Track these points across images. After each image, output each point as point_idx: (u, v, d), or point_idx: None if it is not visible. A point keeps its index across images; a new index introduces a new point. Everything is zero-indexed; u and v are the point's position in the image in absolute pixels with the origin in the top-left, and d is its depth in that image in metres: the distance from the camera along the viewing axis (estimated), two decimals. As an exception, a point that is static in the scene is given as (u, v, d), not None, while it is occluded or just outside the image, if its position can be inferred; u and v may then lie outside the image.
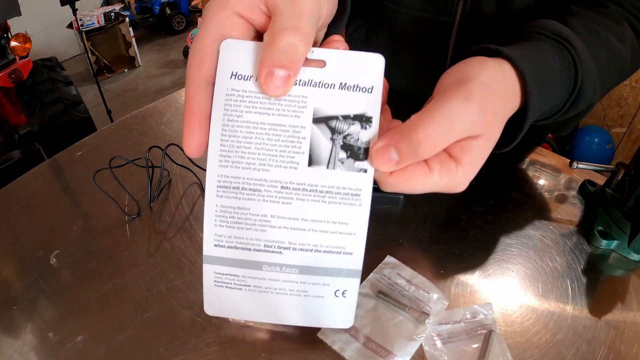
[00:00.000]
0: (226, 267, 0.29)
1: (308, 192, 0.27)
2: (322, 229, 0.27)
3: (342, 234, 0.28)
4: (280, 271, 0.28)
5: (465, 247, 0.47)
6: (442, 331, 0.39)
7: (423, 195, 0.54)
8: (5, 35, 2.14)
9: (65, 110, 2.11)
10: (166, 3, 4.16)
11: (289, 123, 0.26)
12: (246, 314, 0.31)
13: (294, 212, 0.27)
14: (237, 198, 0.27)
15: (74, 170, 0.59)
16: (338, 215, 0.27)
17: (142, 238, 0.48)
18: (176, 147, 0.57)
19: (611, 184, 0.49)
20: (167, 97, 0.75)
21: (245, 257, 0.28)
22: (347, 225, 0.27)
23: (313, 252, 0.28)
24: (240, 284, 0.29)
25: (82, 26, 3.10)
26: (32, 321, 0.40)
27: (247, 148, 0.26)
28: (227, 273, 0.29)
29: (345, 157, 0.26)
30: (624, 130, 2.02)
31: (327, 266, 0.28)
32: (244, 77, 0.26)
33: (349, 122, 0.26)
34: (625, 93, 1.95)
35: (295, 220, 0.27)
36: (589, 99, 0.37)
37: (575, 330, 0.39)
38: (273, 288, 0.29)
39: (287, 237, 0.27)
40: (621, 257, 0.46)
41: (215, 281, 0.29)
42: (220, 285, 0.29)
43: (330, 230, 0.27)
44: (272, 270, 0.28)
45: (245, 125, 0.26)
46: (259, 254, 0.28)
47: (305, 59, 0.25)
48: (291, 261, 0.28)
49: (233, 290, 0.29)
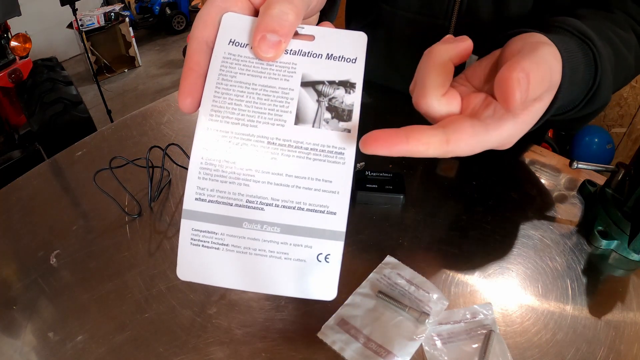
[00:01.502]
0: (205, 223, 0.28)
1: (294, 148, 0.27)
2: (305, 186, 0.27)
3: (325, 192, 0.28)
4: (261, 229, 0.28)
5: (465, 247, 0.47)
6: (442, 331, 0.39)
7: (423, 195, 0.54)
8: (5, 35, 2.14)
9: (65, 110, 2.10)
10: (166, 3, 4.16)
11: (278, 85, 0.28)
12: (220, 279, 0.29)
13: (279, 168, 0.27)
14: (224, 151, 0.28)
15: (74, 170, 0.59)
16: (322, 172, 0.28)
17: (142, 238, 0.48)
18: (176, 147, 0.57)
19: (611, 184, 0.49)
20: (167, 97, 0.75)
21: (226, 212, 0.28)
22: (331, 184, 0.28)
23: (296, 210, 0.28)
24: (218, 242, 0.28)
25: (82, 26, 3.10)
26: (32, 321, 0.40)
27: (238, 105, 0.28)
28: (205, 230, 0.28)
29: (330, 117, 0.28)
30: (624, 130, 2.02)
31: (310, 226, 0.28)
32: (240, 45, 0.28)
33: (335, 87, 0.28)
34: (625, 93, 1.95)
35: (279, 175, 0.27)
36: (603, 98, 0.38)
37: (575, 330, 0.39)
38: (252, 249, 0.28)
39: (271, 192, 0.27)
40: (621, 257, 0.46)
41: (192, 239, 0.28)
42: (197, 244, 0.28)
43: (314, 188, 0.28)
44: (253, 229, 0.28)
45: (237, 85, 0.28)
46: (240, 210, 0.28)
47: (296, 34, 0.28)
48: (273, 219, 0.28)
49: (210, 250, 0.28)
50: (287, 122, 0.28)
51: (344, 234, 0.29)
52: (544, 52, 0.28)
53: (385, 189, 0.51)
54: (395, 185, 0.52)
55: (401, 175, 0.53)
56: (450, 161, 0.60)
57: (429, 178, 0.57)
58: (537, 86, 0.26)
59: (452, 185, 0.56)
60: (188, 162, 0.29)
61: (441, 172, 0.58)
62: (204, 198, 0.28)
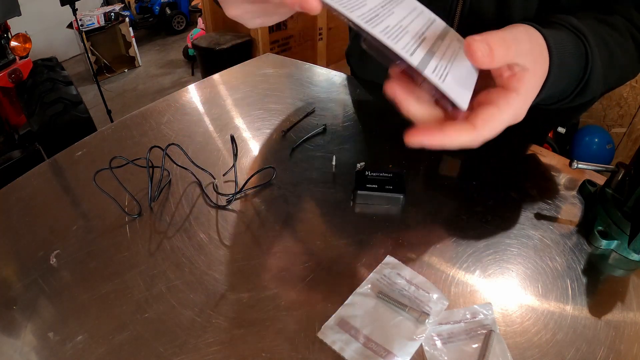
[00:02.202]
0: None
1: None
2: None
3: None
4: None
5: (466, 247, 0.47)
6: (442, 331, 0.39)
7: (423, 195, 0.54)
8: (5, 35, 2.14)
9: (65, 110, 2.10)
10: (166, 3, 4.16)
11: None
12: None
13: None
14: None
15: (74, 170, 0.59)
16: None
17: (142, 238, 0.48)
18: (176, 147, 0.57)
19: (611, 184, 0.49)
20: (167, 97, 0.75)
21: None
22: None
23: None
24: None
25: (82, 26, 3.10)
26: (32, 321, 0.40)
27: None
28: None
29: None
30: (624, 130, 2.02)
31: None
32: None
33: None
34: (625, 93, 1.95)
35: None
36: (592, 90, 0.41)
37: (575, 330, 0.39)
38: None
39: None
40: (621, 257, 0.46)
41: None
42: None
43: None
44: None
45: None
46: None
47: None
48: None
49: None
50: None
51: None
52: (511, 28, 0.34)
53: (385, 189, 0.51)
54: (395, 185, 0.52)
55: (401, 175, 0.53)
56: (450, 161, 0.60)
57: (429, 178, 0.57)
58: (500, 48, 0.31)
59: (452, 185, 0.56)
60: (188, 162, 0.29)
61: (441, 172, 0.58)
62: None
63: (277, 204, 0.53)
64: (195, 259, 0.46)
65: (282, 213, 0.51)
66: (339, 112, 0.70)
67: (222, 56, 2.38)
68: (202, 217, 0.51)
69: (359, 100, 0.74)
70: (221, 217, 0.51)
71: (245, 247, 0.47)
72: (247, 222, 0.50)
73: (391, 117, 0.68)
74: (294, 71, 0.84)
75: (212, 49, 2.40)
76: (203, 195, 0.54)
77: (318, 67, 0.85)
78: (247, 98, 0.75)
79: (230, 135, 0.56)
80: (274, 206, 0.53)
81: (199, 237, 0.48)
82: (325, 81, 0.80)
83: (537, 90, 0.35)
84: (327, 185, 0.55)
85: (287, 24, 2.59)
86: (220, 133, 0.66)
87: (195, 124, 0.68)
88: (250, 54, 2.52)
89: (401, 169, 0.58)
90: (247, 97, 0.75)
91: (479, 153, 0.60)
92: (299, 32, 2.69)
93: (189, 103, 0.74)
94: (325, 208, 0.52)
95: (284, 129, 0.66)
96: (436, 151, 0.61)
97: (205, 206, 0.53)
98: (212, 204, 0.53)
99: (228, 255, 0.46)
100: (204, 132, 0.66)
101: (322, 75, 0.83)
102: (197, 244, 0.48)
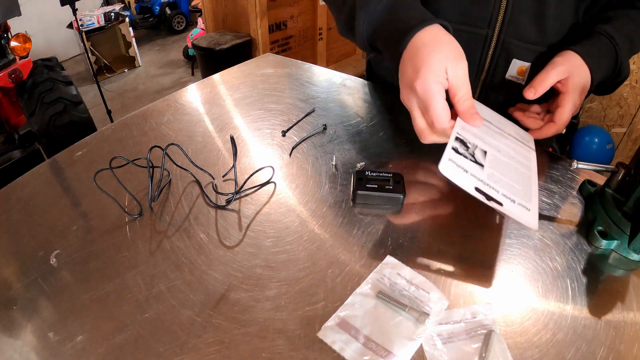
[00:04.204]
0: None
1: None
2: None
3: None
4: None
5: (466, 247, 0.47)
6: (442, 331, 0.39)
7: (423, 195, 0.54)
8: (5, 35, 2.14)
9: (65, 110, 2.10)
10: (166, 3, 4.16)
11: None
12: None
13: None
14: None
15: (74, 170, 0.59)
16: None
17: (142, 238, 0.48)
18: (176, 147, 0.57)
19: (611, 184, 0.49)
20: (167, 97, 0.75)
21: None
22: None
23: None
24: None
25: (82, 26, 3.10)
26: (32, 321, 0.40)
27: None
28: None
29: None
30: (624, 130, 2.02)
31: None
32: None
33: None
34: (625, 93, 1.95)
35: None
36: (624, 73, 0.61)
37: (575, 330, 0.39)
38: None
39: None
40: (621, 257, 0.46)
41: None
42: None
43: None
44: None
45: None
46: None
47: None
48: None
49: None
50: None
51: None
52: (549, 64, 0.56)
53: (385, 189, 0.51)
54: (395, 185, 0.52)
55: (401, 175, 0.53)
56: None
57: (429, 178, 0.57)
58: (540, 86, 0.55)
59: (452, 185, 0.56)
60: (188, 162, 0.29)
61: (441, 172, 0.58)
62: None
63: (276, 204, 0.53)
64: (195, 258, 0.46)
65: (282, 213, 0.51)
66: (339, 112, 0.70)
67: (222, 56, 2.38)
68: (202, 217, 0.51)
69: (360, 100, 0.74)
70: (221, 217, 0.51)
71: (245, 246, 0.47)
72: (246, 222, 0.50)
73: (391, 117, 0.68)
74: (294, 71, 0.84)
75: (212, 49, 2.40)
76: (203, 195, 0.54)
77: (318, 67, 0.85)
78: (247, 98, 0.75)
79: (230, 136, 0.56)
80: (274, 206, 0.53)
81: (199, 237, 0.48)
82: (325, 81, 0.80)
83: (582, 85, 0.55)
84: (327, 185, 0.55)
85: (287, 24, 2.59)
86: (220, 133, 0.66)
87: (195, 124, 0.68)
88: (250, 54, 2.52)
89: (401, 169, 0.58)
90: (247, 97, 0.75)
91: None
92: (299, 32, 2.69)
93: (189, 103, 0.74)
94: (325, 208, 0.52)
95: (284, 129, 0.66)
96: (435, 151, 0.61)
97: (205, 206, 0.53)
98: (212, 204, 0.53)
99: (228, 255, 0.46)
100: (203, 132, 0.66)
101: (322, 75, 0.83)
102: (197, 243, 0.48)
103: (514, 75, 0.65)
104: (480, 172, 0.46)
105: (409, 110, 0.51)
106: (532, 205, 0.46)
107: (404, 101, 0.52)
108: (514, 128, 0.57)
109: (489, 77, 0.66)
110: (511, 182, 0.47)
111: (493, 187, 0.45)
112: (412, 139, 0.64)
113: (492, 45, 0.63)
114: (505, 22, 0.61)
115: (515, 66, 0.64)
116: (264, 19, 2.42)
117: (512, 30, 0.61)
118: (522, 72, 0.64)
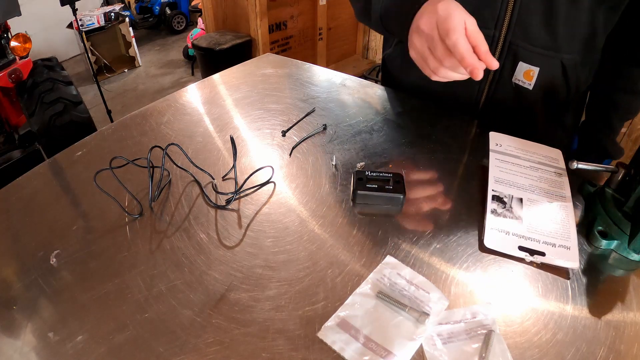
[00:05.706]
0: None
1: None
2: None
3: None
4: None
5: (466, 247, 0.47)
6: (442, 331, 0.39)
7: (423, 195, 0.54)
8: (5, 35, 2.14)
9: (65, 110, 2.10)
10: (166, 3, 4.16)
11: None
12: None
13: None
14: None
15: (74, 170, 0.59)
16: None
17: (142, 238, 0.48)
18: (176, 147, 0.57)
19: (611, 184, 0.49)
20: (167, 97, 0.75)
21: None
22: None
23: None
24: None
25: (82, 26, 3.09)
26: (32, 321, 0.40)
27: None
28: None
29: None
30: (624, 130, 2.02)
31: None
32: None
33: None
34: (625, 93, 1.94)
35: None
36: (616, 153, 0.75)
37: (575, 330, 0.39)
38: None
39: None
40: (621, 257, 0.46)
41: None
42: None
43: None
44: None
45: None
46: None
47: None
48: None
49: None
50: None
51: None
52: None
53: (385, 189, 0.51)
54: (395, 185, 0.52)
55: (401, 175, 0.53)
56: (450, 162, 0.60)
57: (429, 178, 0.57)
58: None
59: (452, 185, 0.56)
60: (188, 162, 0.30)
61: (441, 172, 0.58)
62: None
63: (276, 204, 0.53)
64: (195, 258, 0.46)
65: (282, 213, 0.51)
66: (339, 112, 0.70)
67: (222, 56, 2.38)
68: (202, 217, 0.51)
69: (360, 100, 0.74)
70: (221, 216, 0.51)
71: (245, 246, 0.47)
72: (246, 222, 0.50)
73: (391, 117, 0.68)
74: (294, 71, 0.84)
75: (212, 49, 2.40)
76: (203, 195, 0.54)
77: (318, 67, 0.85)
78: (247, 98, 0.75)
79: (230, 136, 0.56)
80: (274, 206, 0.53)
81: (199, 237, 0.48)
82: (325, 81, 0.80)
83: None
84: (327, 185, 0.55)
85: (287, 24, 2.59)
86: (220, 133, 0.66)
87: (195, 124, 0.68)
88: (250, 54, 2.52)
89: (401, 169, 0.58)
90: (247, 97, 0.75)
91: (479, 153, 0.60)
92: (299, 32, 2.69)
93: (189, 103, 0.74)
94: (325, 208, 0.52)
95: (284, 129, 0.66)
96: (435, 151, 0.61)
97: (205, 206, 0.53)
98: (212, 204, 0.53)
99: (228, 255, 0.46)
100: (203, 132, 0.66)
101: (322, 75, 0.83)
102: (197, 244, 0.48)
103: (520, 79, 0.64)
104: (520, 227, 0.47)
105: (421, 49, 0.51)
106: (571, 242, 0.46)
107: (415, 44, 0.51)
108: (540, 149, 0.57)
109: (495, 79, 0.66)
110: (550, 224, 0.48)
111: (534, 239, 0.46)
112: (412, 139, 0.64)
113: (499, 46, 0.63)
114: (513, 23, 0.60)
115: (522, 69, 0.63)
116: (264, 19, 2.42)
117: (519, 32, 0.61)
118: (530, 76, 0.63)
